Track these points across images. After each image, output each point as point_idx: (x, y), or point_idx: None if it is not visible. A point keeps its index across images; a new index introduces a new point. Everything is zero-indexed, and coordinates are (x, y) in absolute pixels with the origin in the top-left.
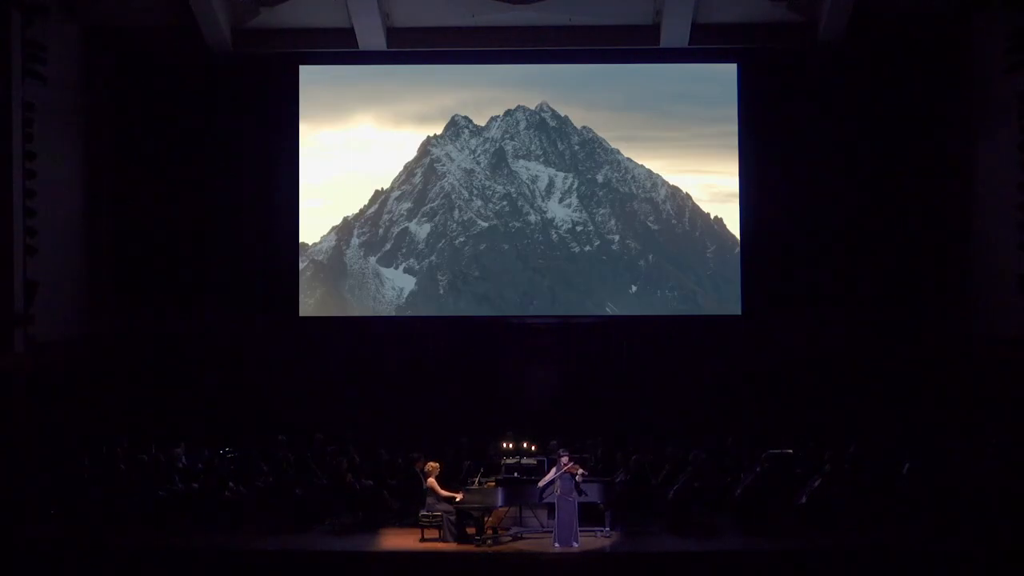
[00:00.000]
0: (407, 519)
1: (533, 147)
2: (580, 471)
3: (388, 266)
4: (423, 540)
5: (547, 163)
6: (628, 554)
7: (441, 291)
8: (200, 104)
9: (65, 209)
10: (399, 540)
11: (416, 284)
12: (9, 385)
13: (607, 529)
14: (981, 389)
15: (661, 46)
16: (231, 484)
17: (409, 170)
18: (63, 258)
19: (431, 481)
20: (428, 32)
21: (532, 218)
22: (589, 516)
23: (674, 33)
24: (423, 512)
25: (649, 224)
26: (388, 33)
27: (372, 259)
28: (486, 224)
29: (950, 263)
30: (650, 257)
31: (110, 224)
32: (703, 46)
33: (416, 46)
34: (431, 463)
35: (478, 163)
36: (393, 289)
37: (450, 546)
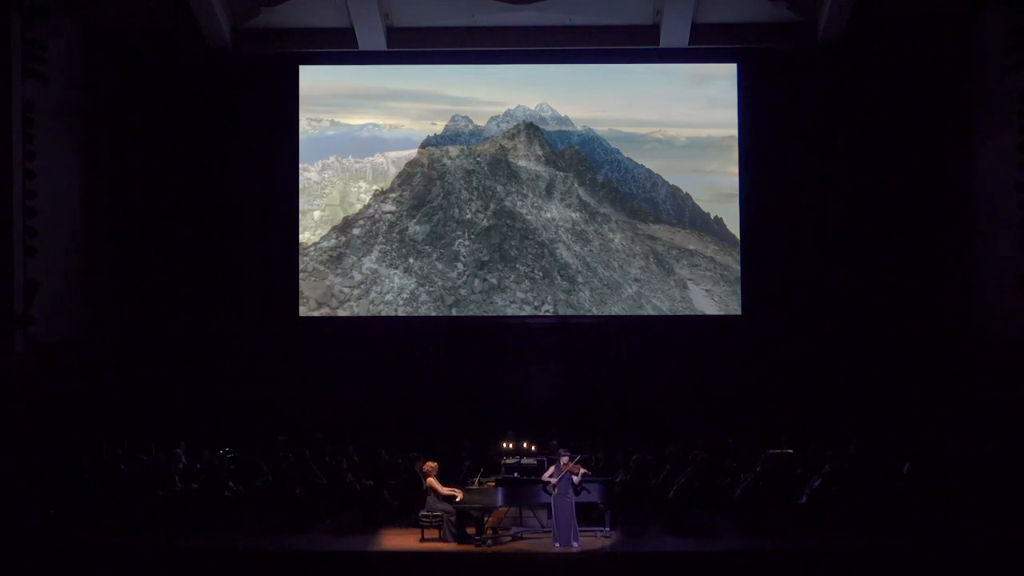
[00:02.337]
0: (407, 519)
1: (533, 147)
2: (581, 471)
3: (388, 266)
4: (423, 540)
5: (547, 163)
6: (628, 554)
7: (441, 291)
8: (200, 104)
9: (65, 209)
10: (399, 540)
11: (416, 284)
12: (9, 385)
13: (607, 529)
14: (981, 389)
15: (661, 46)
16: (231, 484)
17: (409, 170)
18: (63, 258)
19: (431, 480)
20: (428, 32)
21: (532, 218)
22: (589, 516)
23: (674, 33)
24: (423, 512)
25: (649, 224)
26: (388, 33)
27: (372, 259)
28: (486, 224)
29: (950, 263)
30: (650, 257)
31: (110, 224)
32: (703, 46)
33: (416, 46)
34: (429, 463)
35: (478, 163)
36: (393, 289)
37: (450, 546)
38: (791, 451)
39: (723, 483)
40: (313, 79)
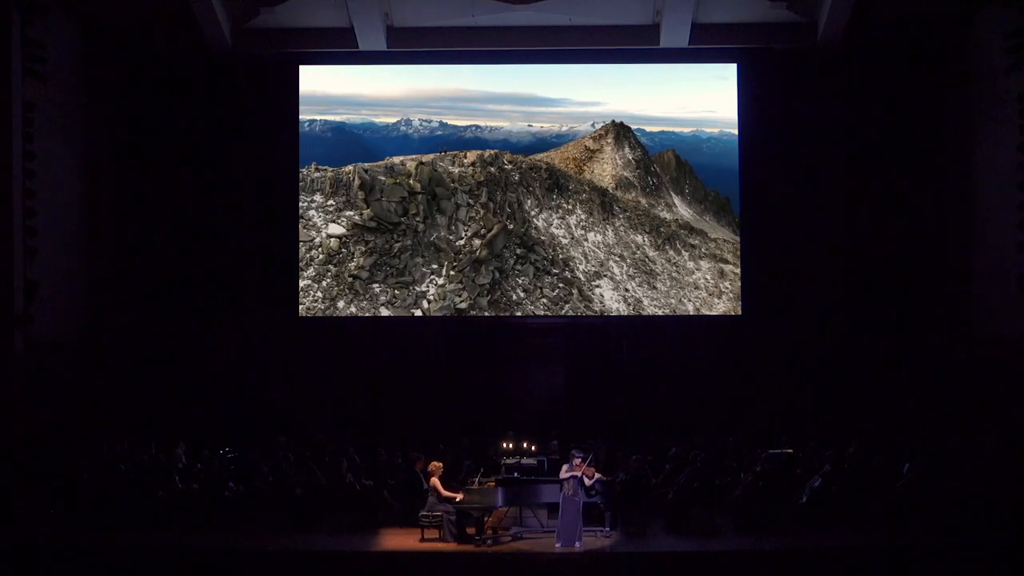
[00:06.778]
0: (407, 519)
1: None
2: (595, 475)
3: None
4: (423, 540)
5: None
6: (628, 554)
7: (442, 291)
8: (200, 104)
9: (65, 209)
10: (399, 540)
11: (417, 284)
12: (9, 385)
13: (607, 529)
14: (981, 389)
15: (661, 46)
16: (231, 484)
17: (411, 171)
18: (63, 258)
19: (434, 481)
20: (428, 32)
21: (535, 219)
22: (589, 516)
23: (674, 33)
24: (423, 512)
25: (649, 224)
26: (388, 33)
27: (372, 259)
28: (489, 224)
29: (950, 263)
30: (650, 257)
31: (110, 224)
32: (703, 46)
33: (416, 46)
34: (434, 463)
35: (480, 164)
36: (394, 289)
37: (450, 546)
38: (791, 451)
39: (723, 483)
40: (313, 79)
